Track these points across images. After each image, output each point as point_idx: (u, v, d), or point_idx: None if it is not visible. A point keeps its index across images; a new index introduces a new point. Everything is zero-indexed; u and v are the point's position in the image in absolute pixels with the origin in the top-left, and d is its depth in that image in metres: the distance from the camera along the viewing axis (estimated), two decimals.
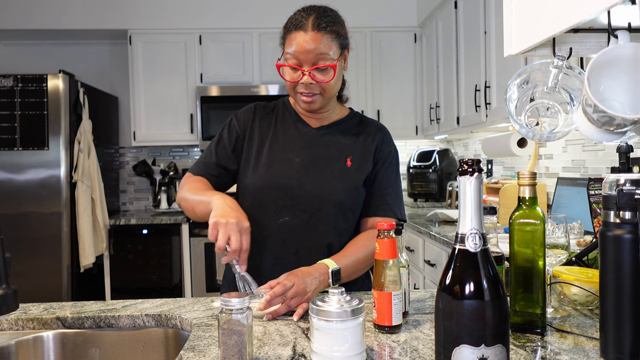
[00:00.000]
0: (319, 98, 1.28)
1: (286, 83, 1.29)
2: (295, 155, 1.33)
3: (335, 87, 1.30)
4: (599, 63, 0.83)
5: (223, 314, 0.82)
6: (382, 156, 1.37)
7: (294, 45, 1.23)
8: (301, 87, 1.26)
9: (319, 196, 1.30)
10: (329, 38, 1.24)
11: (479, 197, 0.68)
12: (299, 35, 1.22)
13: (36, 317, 1.15)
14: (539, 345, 0.91)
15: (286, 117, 1.40)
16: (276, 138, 1.36)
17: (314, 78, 1.24)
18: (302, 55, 1.22)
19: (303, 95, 1.27)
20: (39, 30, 3.87)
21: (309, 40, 1.22)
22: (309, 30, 1.22)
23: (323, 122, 1.38)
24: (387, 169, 1.38)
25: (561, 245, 1.08)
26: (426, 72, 3.89)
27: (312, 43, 1.22)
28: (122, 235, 3.64)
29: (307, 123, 1.38)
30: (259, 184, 1.31)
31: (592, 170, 2.31)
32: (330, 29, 1.24)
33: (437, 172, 3.77)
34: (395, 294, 0.97)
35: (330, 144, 1.35)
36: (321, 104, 1.31)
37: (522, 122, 1.01)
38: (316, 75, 1.24)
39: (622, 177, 0.78)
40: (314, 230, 1.30)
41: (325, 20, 1.24)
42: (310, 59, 1.23)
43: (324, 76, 1.25)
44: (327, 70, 1.25)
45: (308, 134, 1.36)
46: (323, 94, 1.28)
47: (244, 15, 3.91)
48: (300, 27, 1.23)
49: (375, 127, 1.41)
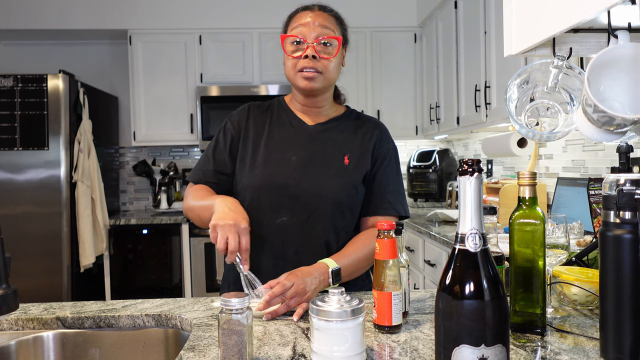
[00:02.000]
0: (320, 77, 1.28)
1: (287, 64, 1.30)
2: (292, 154, 1.32)
3: (334, 71, 1.31)
4: (599, 63, 0.83)
5: (223, 314, 0.82)
6: (380, 153, 1.37)
7: (299, 21, 1.29)
8: (303, 62, 1.27)
9: (317, 195, 1.29)
10: (333, 21, 1.31)
11: (479, 197, 0.68)
12: (306, 13, 1.30)
13: (36, 317, 1.15)
14: (539, 345, 0.91)
15: (282, 116, 1.39)
16: (272, 137, 1.35)
17: (316, 52, 1.26)
18: (307, 28, 1.27)
19: (304, 71, 1.27)
20: (39, 30, 3.87)
21: (315, 17, 1.28)
22: (316, 10, 1.30)
23: (319, 120, 1.38)
24: (387, 167, 1.37)
25: (561, 245, 1.08)
26: (426, 72, 3.89)
27: (319, 18, 1.28)
28: (122, 235, 3.64)
29: (303, 121, 1.37)
30: (256, 183, 1.30)
31: (592, 170, 2.31)
32: (335, 14, 1.33)
33: (437, 172, 3.77)
34: (395, 294, 0.97)
35: (327, 141, 1.35)
36: (321, 84, 1.30)
37: (522, 122, 1.01)
38: (319, 50, 1.27)
39: (622, 177, 0.78)
40: (312, 229, 1.29)
41: (329, 8, 1.33)
42: (315, 32, 1.27)
43: (327, 51, 1.28)
44: (331, 46, 1.28)
45: (304, 131, 1.36)
46: (324, 73, 1.28)
47: (244, 15, 3.91)
48: (307, 8, 1.31)
49: (373, 124, 1.41)
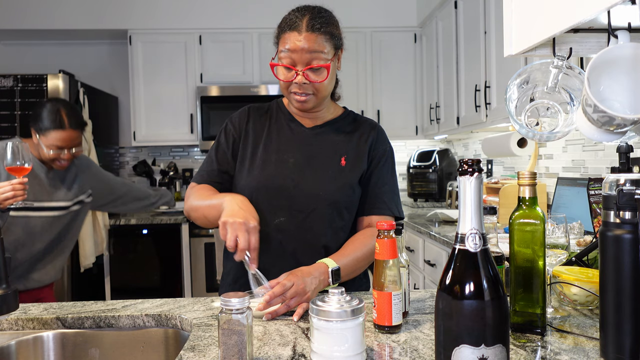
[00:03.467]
0: (312, 98, 1.29)
1: (280, 83, 1.30)
2: (290, 156, 1.33)
3: (328, 87, 1.30)
4: (599, 63, 0.83)
5: (223, 314, 0.82)
6: (377, 155, 1.38)
7: (287, 45, 1.23)
8: (294, 86, 1.27)
9: (314, 196, 1.30)
10: (322, 39, 1.24)
11: (479, 197, 0.68)
12: (293, 36, 1.23)
13: (36, 317, 1.15)
14: (539, 345, 0.91)
15: (280, 118, 1.40)
16: (270, 139, 1.36)
17: (307, 78, 1.25)
18: (296, 55, 1.23)
19: (296, 95, 1.28)
20: (39, 30, 3.87)
21: (303, 41, 1.22)
22: (303, 31, 1.22)
23: (317, 122, 1.39)
24: (383, 168, 1.38)
25: (561, 245, 1.08)
26: (426, 72, 3.89)
27: (305, 43, 1.22)
28: (122, 235, 3.64)
29: (300, 123, 1.38)
30: (254, 185, 1.31)
31: (592, 170, 2.31)
32: (324, 30, 1.24)
33: (437, 172, 3.77)
34: (395, 294, 0.97)
35: (324, 143, 1.36)
36: (314, 104, 1.31)
37: (522, 122, 1.01)
38: (310, 75, 1.25)
39: (622, 177, 0.78)
40: (309, 230, 1.30)
41: (319, 21, 1.24)
42: (304, 59, 1.23)
43: (317, 76, 1.26)
44: (321, 71, 1.26)
45: (302, 133, 1.37)
46: (316, 94, 1.28)
47: (244, 15, 3.91)
48: (294, 28, 1.23)
49: (370, 125, 1.41)
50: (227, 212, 1.14)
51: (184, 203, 1.40)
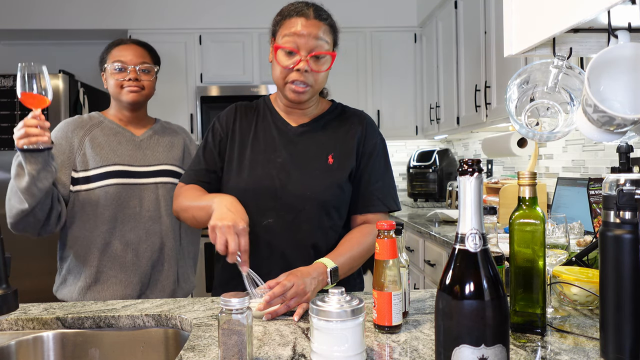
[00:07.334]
0: (310, 90, 1.27)
1: (277, 72, 1.27)
2: (277, 156, 1.32)
3: (324, 80, 1.30)
4: (599, 63, 0.83)
5: (223, 314, 0.82)
6: (367, 150, 1.35)
7: (293, 29, 1.23)
8: (294, 74, 1.25)
9: (302, 196, 1.29)
10: (327, 29, 1.26)
11: (479, 197, 0.68)
12: (300, 21, 1.23)
13: (36, 317, 1.15)
14: (539, 345, 0.91)
15: (267, 116, 1.39)
16: (257, 139, 1.35)
17: (309, 66, 1.23)
18: (302, 40, 1.22)
19: (294, 84, 1.25)
20: (39, 30, 3.87)
21: (310, 26, 1.23)
22: (311, 17, 1.23)
23: (304, 119, 1.37)
24: (375, 162, 1.36)
25: (561, 245, 1.08)
26: (426, 72, 3.89)
27: (313, 29, 1.23)
28: None
29: (286, 122, 1.37)
30: (242, 187, 1.30)
31: (592, 170, 2.31)
32: (330, 22, 1.28)
33: (437, 172, 3.77)
34: (395, 294, 0.97)
35: (311, 142, 1.34)
36: (310, 96, 1.30)
37: (522, 122, 1.01)
38: (312, 63, 1.24)
39: (622, 177, 0.78)
40: (298, 231, 1.29)
41: (325, 13, 1.28)
42: (309, 44, 1.22)
43: (319, 65, 1.25)
44: (325, 60, 1.26)
45: (288, 133, 1.35)
46: (314, 85, 1.27)
47: (244, 15, 3.91)
48: (301, 14, 1.24)
49: (358, 118, 1.39)
50: (216, 216, 1.13)
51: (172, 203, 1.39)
